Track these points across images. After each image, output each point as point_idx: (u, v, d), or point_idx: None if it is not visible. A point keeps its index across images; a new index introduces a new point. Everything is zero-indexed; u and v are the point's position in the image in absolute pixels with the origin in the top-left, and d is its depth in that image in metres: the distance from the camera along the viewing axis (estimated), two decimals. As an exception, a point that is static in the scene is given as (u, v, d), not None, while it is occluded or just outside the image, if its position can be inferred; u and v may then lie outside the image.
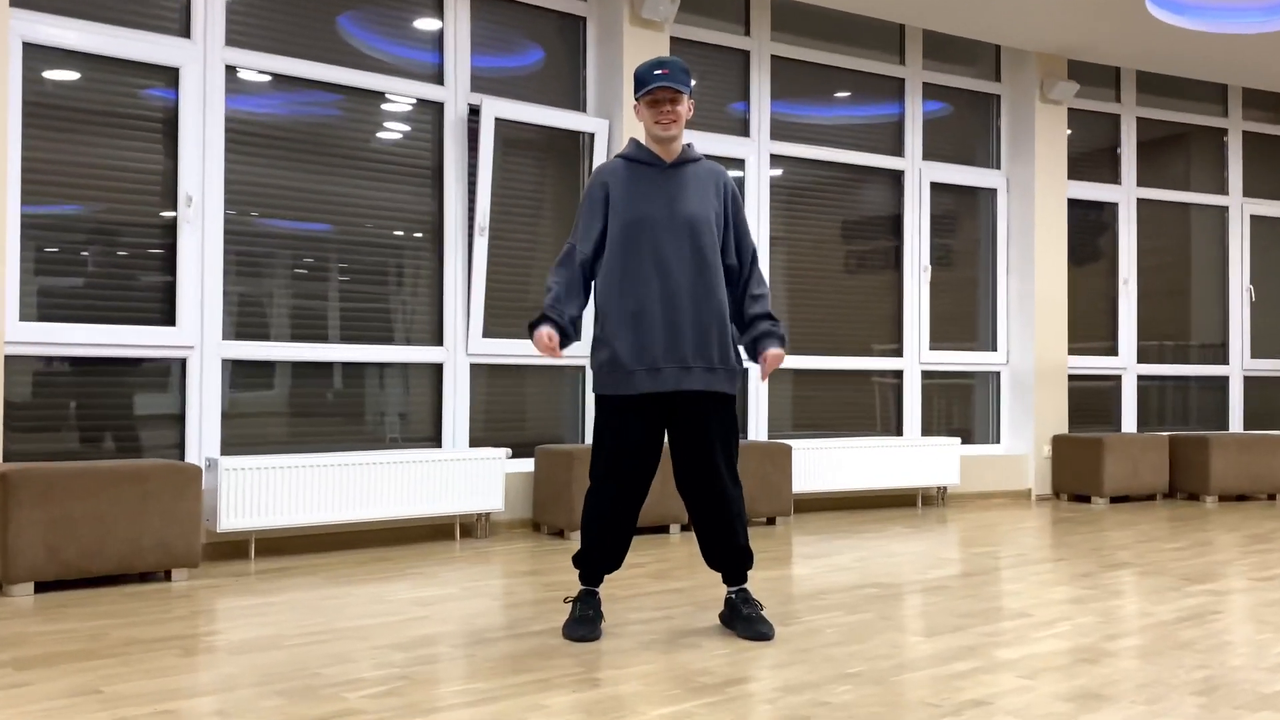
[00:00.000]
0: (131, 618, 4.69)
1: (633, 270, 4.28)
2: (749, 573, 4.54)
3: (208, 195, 6.39)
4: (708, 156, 8.15)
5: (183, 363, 6.34)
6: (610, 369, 4.29)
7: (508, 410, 7.50)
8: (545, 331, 4.25)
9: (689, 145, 4.45)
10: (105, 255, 6.13)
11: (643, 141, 4.44)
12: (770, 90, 8.62)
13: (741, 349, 4.44)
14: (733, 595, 4.47)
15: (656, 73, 4.27)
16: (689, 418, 4.32)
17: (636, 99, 4.33)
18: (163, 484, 5.51)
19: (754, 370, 8.12)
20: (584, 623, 4.35)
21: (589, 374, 7.70)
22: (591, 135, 7.70)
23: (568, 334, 4.33)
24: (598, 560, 4.42)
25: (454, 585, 5.45)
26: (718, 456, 4.33)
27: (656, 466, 4.36)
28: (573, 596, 4.51)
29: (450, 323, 7.24)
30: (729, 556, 4.43)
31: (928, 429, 9.43)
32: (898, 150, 9.32)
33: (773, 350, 4.35)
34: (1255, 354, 11.00)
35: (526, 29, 7.63)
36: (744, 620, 4.38)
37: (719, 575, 5.45)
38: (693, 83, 4.36)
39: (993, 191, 9.82)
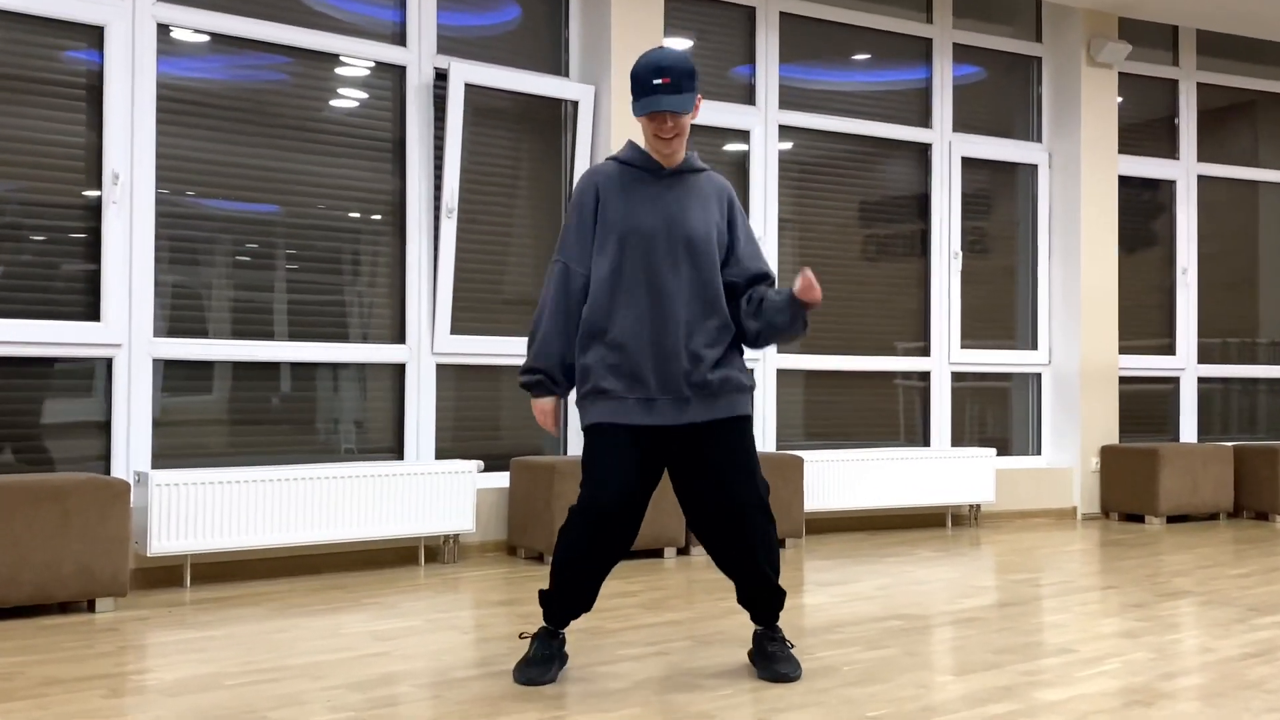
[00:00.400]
0: (50, 654, 4.68)
1: (624, 289, 4.24)
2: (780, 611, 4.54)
3: (137, 172, 6.39)
4: (708, 127, 8.15)
5: (108, 363, 6.34)
6: (596, 397, 4.26)
7: (479, 417, 7.51)
8: (545, 406, 4.36)
9: (691, 154, 4.41)
10: (19, 240, 6.12)
11: (641, 145, 4.37)
12: (779, 53, 8.63)
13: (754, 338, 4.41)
14: (759, 631, 4.49)
15: (656, 82, 4.17)
16: (693, 451, 4.30)
17: (635, 111, 4.25)
18: (85, 501, 5.51)
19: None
20: (537, 664, 4.30)
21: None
22: (575, 103, 7.72)
23: (565, 390, 4.37)
24: (568, 604, 4.37)
25: (418, 617, 5.46)
26: (730, 487, 4.29)
27: (646, 506, 4.30)
28: (530, 633, 4.49)
29: (414, 317, 7.25)
30: (758, 598, 4.43)
31: (959, 439, 9.46)
32: (925, 121, 9.34)
33: (798, 282, 4.22)
34: (1332, 353, 11.05)
35: (501, -18, 7.65)
36: (765, 658, 4.40)
37: (715, 603, 5.48)
38: (698, 82, 4.31)
39: (1033, 168, 9.85)
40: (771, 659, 4.37)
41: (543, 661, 4.30)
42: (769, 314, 4.32)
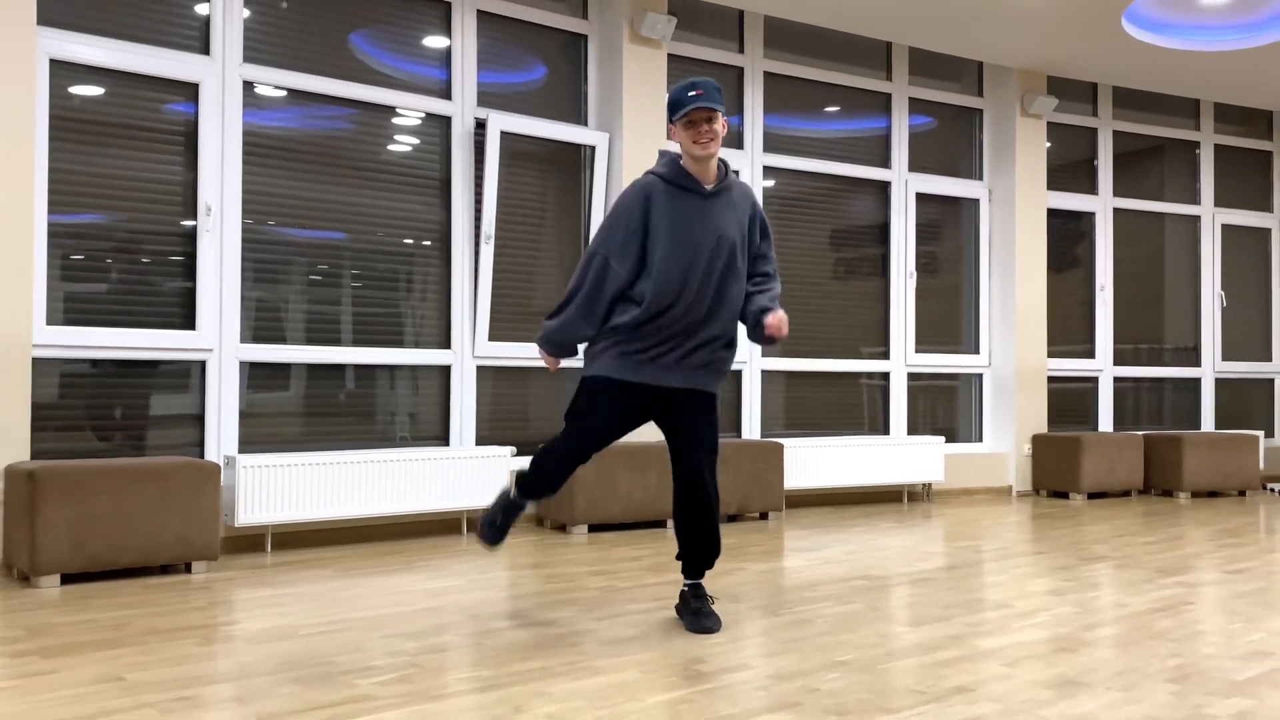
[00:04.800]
0: (152, 608, 4.69)
1: (666, 291, 4.14)
2: (708, 570, 4.54)
3: (226, 205, 6.39)
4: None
5: (202, 365, 6.33)
6: (613, 358, 4.22)
7: (512, 410, 7.50)
8: (554, 361, 4.41)
9: (722, 162, 4.33)
10: (128, 262, 6.12)
11: (681, 161, 4.23)
12: (763, 105, 8.62)
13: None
14: (686, 589, 4.46)
15: (691, 94, 4.12)
16: (689, 411, 4.28)
17: (672, 122, 4.16)
18: (183, 481, 5.51)
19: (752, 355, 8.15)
20: (495, 528, 4.54)
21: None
22: (592, 148, 7.70)
23: (572, 354, 4.39)
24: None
25: (461, 577, 5.45)
26: (708, 454, 4.32)
27: (616, 439, 4.37)
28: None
29: (457, 327, 7.24)
30: (706, 549, 4.41)
31: (913, 428, 9.43)
32: (885, 162, 9.32)
33: (770, 318, 4.24)
34: (1226, 357, 11.01)
35: (530, 46, 7.64)
36: (691, 613, 4.37)
37: (722, 565, 5.46)
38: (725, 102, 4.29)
39: (975, 201, 9.82)
40: (696, 614, 4.35)
41: (502, 530, 4.55)
42: (746, 316, 4.36)
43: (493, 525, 4.54)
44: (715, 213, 4.23)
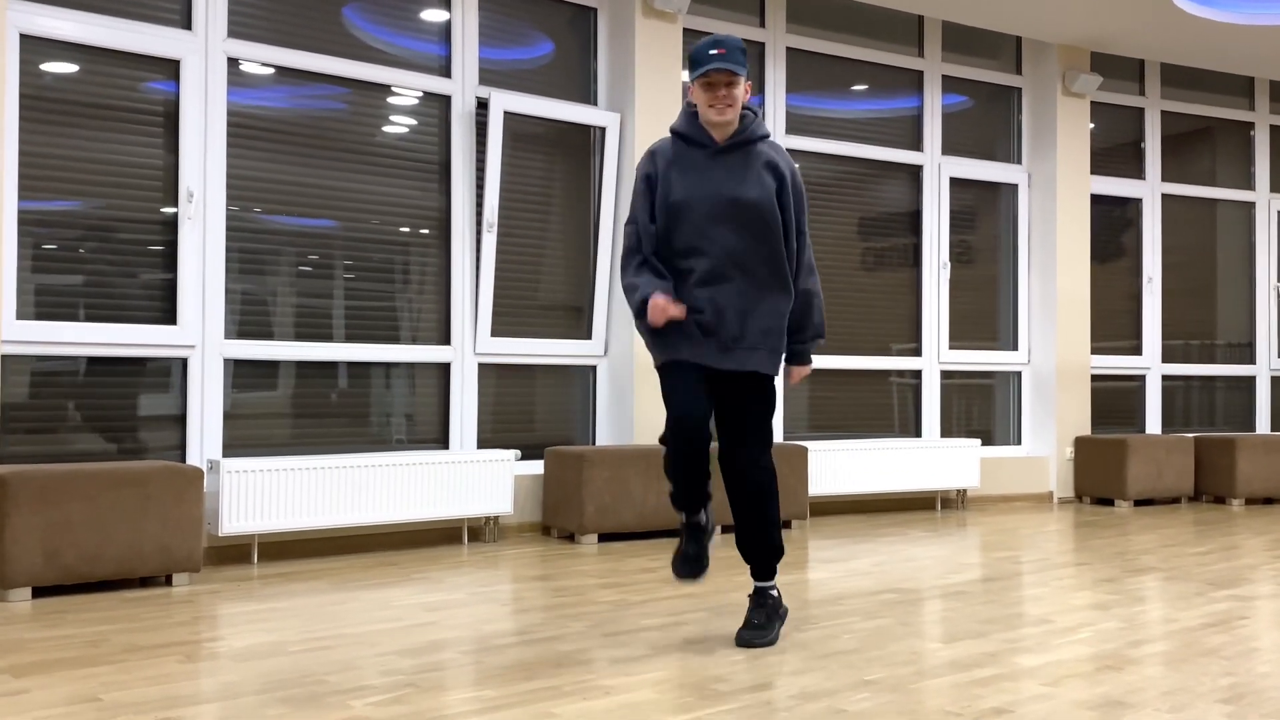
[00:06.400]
0: (131, 623, 4.69)
1: (680, 255, 4.21)
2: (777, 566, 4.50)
3: (209, 190, 6.40)
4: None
5: (184, 362, 6.34)
6: (658, 337, 4.22)
7: (517, 411, 7.50)
8: (660, 299, 4.10)
9: (750, 118, 4.30)
10: (104, 252, 6.13)
11: (699, 117, 4.26)
12: (785, 83, 8.61)
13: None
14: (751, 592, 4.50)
15: (712, 53, 4.14)
16: (729, 394, 4.26)
17: (691, 80, 4.19)
18: (163, 486, 5.52)
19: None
20: (690, 560, 4.36)
21: (599, 374, 7.70)
22: (603, 129, 7.70)
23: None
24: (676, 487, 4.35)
25: (462, 590, 5.45)
26: (751, 435, 4.28)
27: (707, 412, 4.23)
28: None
29: (458, 321, 7.24)
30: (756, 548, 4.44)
31: (947, 430, 9.42)
32: (916, 145, 9.31)
33: (794, 367, 4.46)
34: (1283, 353, 10.98)
35: (536, 20, 7.64)
36: (743, 625, 4.41)
37: (730, 578, 5.46)
38: (748, 65, 4.28)
39: (1014, 187, 9.80)
40: (745, 625, 4.40)
41: (695, 559, 4.36)
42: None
43: (684, 558, 4.38)
44: (724, 170, 4.23)
